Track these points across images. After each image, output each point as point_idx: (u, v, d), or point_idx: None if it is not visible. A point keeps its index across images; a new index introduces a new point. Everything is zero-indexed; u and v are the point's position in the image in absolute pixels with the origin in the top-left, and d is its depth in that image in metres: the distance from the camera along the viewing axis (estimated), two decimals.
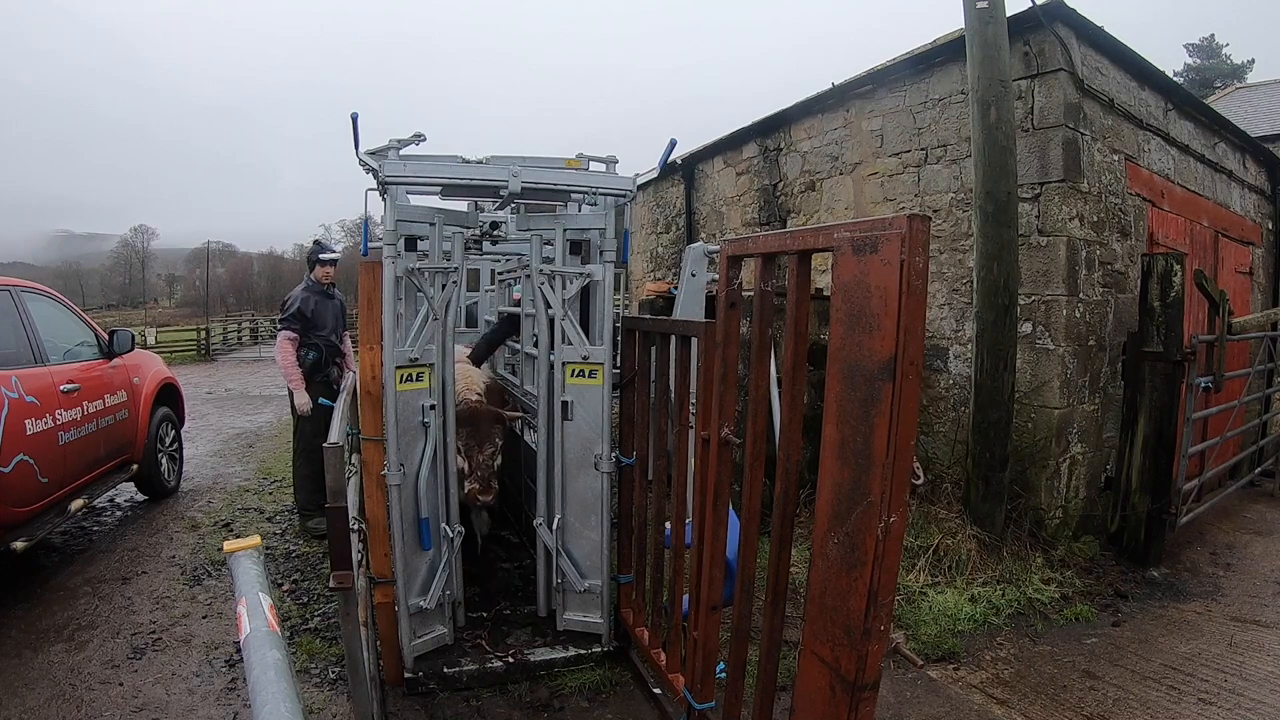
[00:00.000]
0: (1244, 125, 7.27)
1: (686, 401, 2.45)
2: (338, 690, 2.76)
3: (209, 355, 20.66)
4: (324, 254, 4.74)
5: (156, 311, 51.96)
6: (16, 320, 3.82)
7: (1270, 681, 2.94)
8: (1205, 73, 31.30)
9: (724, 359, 2.01)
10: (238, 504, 5.19)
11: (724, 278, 1.97)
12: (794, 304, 1.68)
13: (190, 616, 3.39)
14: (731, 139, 7.23)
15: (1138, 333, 4.37)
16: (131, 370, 4.90)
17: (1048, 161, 4.38)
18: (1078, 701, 2.78)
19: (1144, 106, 5.17)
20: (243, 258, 57.08)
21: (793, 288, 1.68)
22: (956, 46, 4.56)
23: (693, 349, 2.37)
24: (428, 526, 2.80)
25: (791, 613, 3.48)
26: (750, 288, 1.91)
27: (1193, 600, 3.86)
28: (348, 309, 5.05)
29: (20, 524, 3.42)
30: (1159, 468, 4.25)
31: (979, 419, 4.02)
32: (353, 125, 2.76)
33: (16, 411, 3.39)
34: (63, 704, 2.64)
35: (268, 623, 1.07)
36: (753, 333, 1.87)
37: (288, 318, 4.48)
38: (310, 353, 4.49)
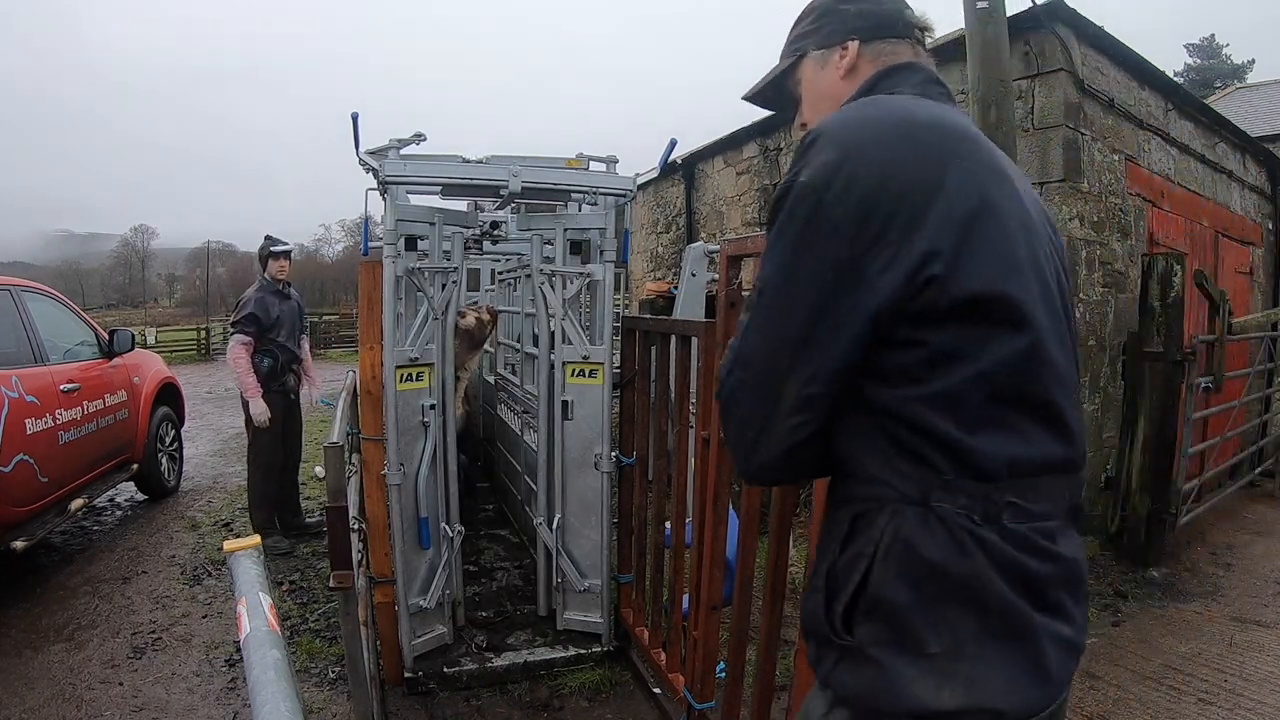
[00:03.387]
0: (1244, 125, 7.26)
1: (686, 401, 2.45)
2: (338, 690, 2.76)
3: (209, 355, 20.66)
4: (275, 247, 4.30)
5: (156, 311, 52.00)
6: (16, 320, 3.82)
7: (1270, 681, 2.94)
8: (1205, 73, 31.34)
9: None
10: (238, 503, 5.19)
11: (724, 277, 1.97)
12: None
13: (190, 616, 3.39)
14: (732, 139, 7.23)
15: (1138, 333, 4.37)
16: (131, 370, 4.90)
17: (1048, 161, 4.38)
18: (1077, 701, 2.78)
19: (1144, 106, 5.17)
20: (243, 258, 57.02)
21: None
22: (956, 46, 4.56)
23: (693, 349, 2.37)
24: (427, 526, 2.80)
25: (790, 612, 3.48)
26: (748, 286, 1.91)
27: (1193, 600, 3.86)
28: (307, 309, 4.70)
29: (20, 524, 3.42)
30: (1159, 468, 4.25)
31: None
32: (353, 125, 2.76)
33: (16, 411, 3.39)
34: (63, 703, 2.64)
35: (268, 622, 1.07)
36: None
37: (241, 320, 4.08)
38: (265, 359, 4.13)
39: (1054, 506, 0.81)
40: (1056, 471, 0.81)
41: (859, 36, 0.97)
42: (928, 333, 0.77)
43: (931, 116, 0.83)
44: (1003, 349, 0.77)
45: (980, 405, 0.77)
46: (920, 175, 0.76)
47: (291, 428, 4.41)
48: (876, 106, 0.86)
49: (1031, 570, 0.77)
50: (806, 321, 0.79)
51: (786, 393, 0.81)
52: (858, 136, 0.80)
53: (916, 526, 0.78)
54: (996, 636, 0.76)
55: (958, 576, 0.76)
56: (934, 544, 0.77)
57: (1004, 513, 0.77)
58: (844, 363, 0.79)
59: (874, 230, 0.75)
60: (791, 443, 0.84)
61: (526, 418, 3.64)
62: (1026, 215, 0.83)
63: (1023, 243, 0.80)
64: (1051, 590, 0.79)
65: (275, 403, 4.16)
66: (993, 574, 0.76)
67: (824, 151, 0.79)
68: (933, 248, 0.75)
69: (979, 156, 0.81)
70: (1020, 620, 0.76)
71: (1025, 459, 0.78)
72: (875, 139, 0.79)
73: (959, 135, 0.82)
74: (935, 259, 0.74)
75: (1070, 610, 0.81)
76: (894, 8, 0.98)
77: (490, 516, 4.61)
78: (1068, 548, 0.82)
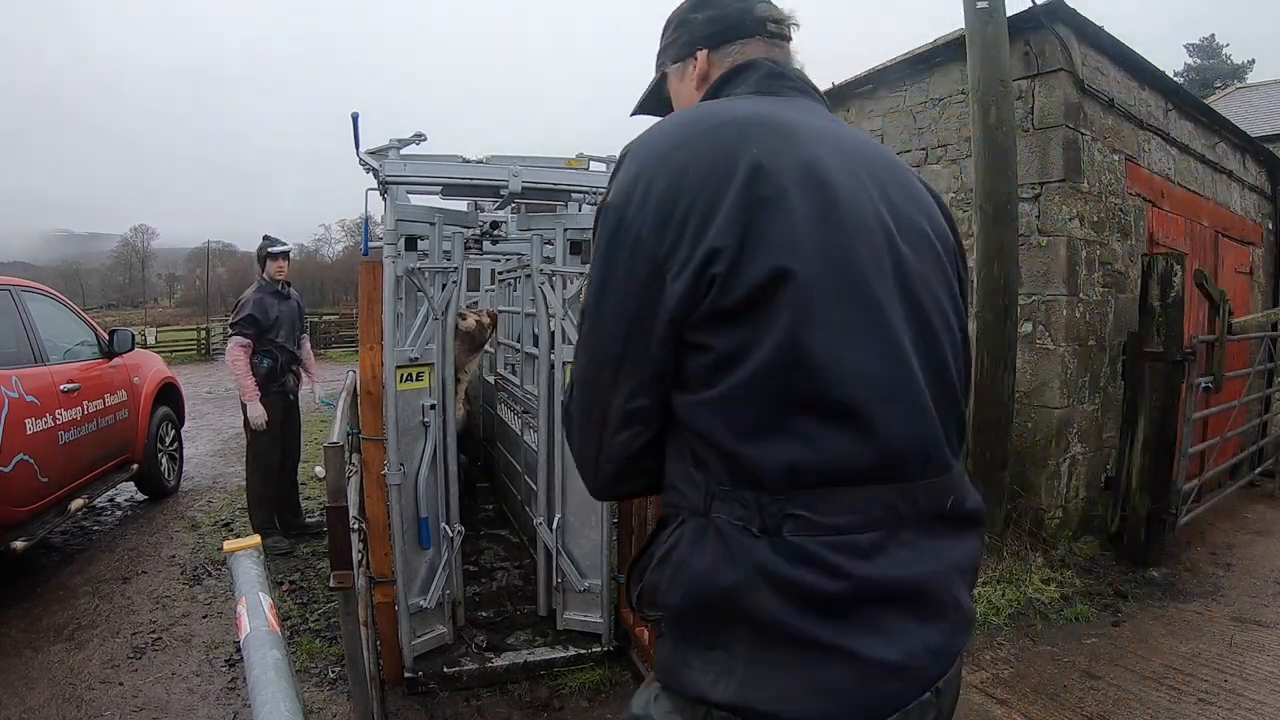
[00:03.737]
0: (1244, 125, 7.26)
1: None
2: (338, 690, 2.76)
3: (209, 355, 20.66)
4: (273, 247, 4.28)
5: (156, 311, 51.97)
6: (17, 320, 3.82)
7: (1270, 681, 2.94)
8: (1205, 73, 31.33)
9: None
10: (238, 503, 5.19)
11: None
12: None
13: (190, 616, 3.39)
14: None
15: (1138, 333, 4.37)
16: (131, 370, 4.90)
17: (1048, 161, 4.38)
18: (1078, 701, 2.78)
19: (1144, 106, 5.17)
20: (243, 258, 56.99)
21: None
22: (956, 46, 4.55)
23: None
24: (427, 526, 2.80)
25: None
26: None
27: (1193, 600, 3.86)
28: (305, 309, 4.68)
29: (20, 524, 3.42)
30: (1159, 468, 4.25)
31: (979, 419, 4.01)
32: (353, 125, 2.77)
33: (16, 411, 3.39)
34: (63, 703, 2.64)
35: (268, 622, 1.07)
36: None
37: (240, 322, 4.07)
38: (264, 360, 4.11)
39: (864, 517, 0.75)
40: (865, 481, 0.76)
41: (706, 45, 0.97)
42: (712, 336, 0.75)
43: (736, 114, 0.82)
44: (776, 349, 0.73)
45: (758, 410, 0.75)
46: (712, 175, 0.75)
47: (291, 428, 4.41)
48: (680, 115, 0.86)
49: (813, 586, 0.73)
50: (623, 338, 0.79)
51: (614, 410, 0.82)
52: (655, 149, 0.80)
53: (693, 537, 0.78)
54: (770, 647, 0.74)
55: (724, 589, 0.75)
56: (703, 556, 0.77)
57: (784, 524, 0.74)
58: (661, 370, 0.79)
59: (672, 237, 0.75)
60: (627, 456, 0.84)
61: (526, 418, 3.64)
62: (851, 192, 0.79)
63: (828, 219, 0.76)
64: (856, 606, 0.74)
65: (274, 403, 4.15)
66: (764, 588, 0.73)
67: (626, 169, 0.81)
68: (716, 245, 0.73)
69: (784, 148, 0.78)
70: (797, 636, 0.73)
71: (808, 467, 0.74)
72: (673, 147, 0.79)
73: (764, 129, 0.79)
74: (719, 257, 0.73)
75: (891, 628, 0.75)
76: (741, 8, 0.97)
77: (490, 516, 4.61)
78: (894, 563, 0.76)
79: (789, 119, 0.83)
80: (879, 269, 0.78)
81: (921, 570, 0.78)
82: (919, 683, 0.77)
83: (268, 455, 4.18)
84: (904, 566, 0.77)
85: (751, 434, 0.75)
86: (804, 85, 0.95)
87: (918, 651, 0.77)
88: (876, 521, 0.76)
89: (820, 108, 0.94)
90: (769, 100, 0.89)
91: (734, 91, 0.93)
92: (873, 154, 0.88)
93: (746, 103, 0.88)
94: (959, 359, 0.88)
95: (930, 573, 0.79)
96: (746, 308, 0.74)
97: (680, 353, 0.78)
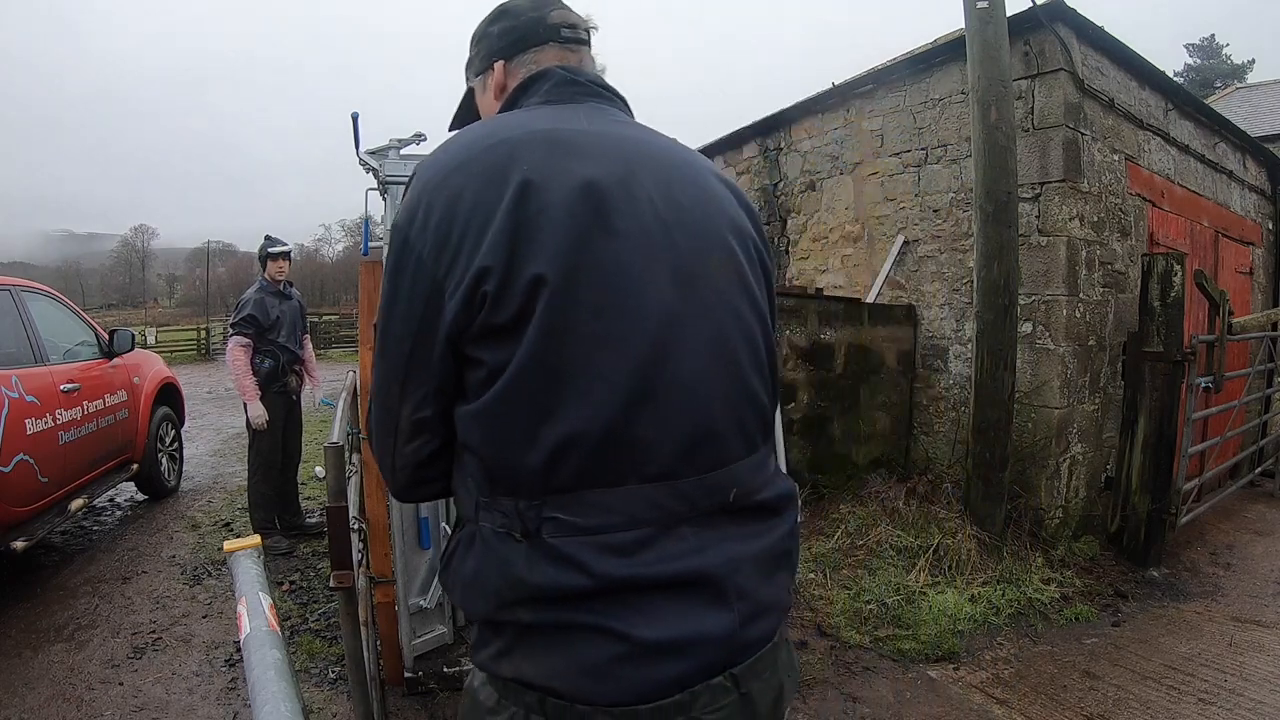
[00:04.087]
0: (1244, 125, 7.27)
1: None
2: (338, 690, 2.76)
3: (209, 355, 20.66)
4: (274, 247, 4.26)
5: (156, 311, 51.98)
6: (17, 320, 3.82)
7: (1270, 681, 2.94)
8: (1205, 73, 31.33)
9: None
10: (238, 503, 5.19)
11: None
12: None
13: (190, 616, 3.39)
14: (731, 138, 7.22)
15: (1138, 333, 4.37)
16: (132, 370, 4.90)
17: (1048, 161, 4.38)
18: (1078, 701, 2.78)
19: (1144, 106, 5.17)
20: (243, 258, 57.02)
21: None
22: (956, 46, 4.56)
23: None
24: (427, 526, 2.80)
25: (791, 612, 3.48)
26: None
27: (1193, 600, 3.86)
28: (307, 309, 4.66)
29: (20, 524, 3.42)
30: (1159, 468, 4.26)
31: (979, 419, 4.02)
32: (353, 125, 2.77)
33: (16, 411, 3.39)
34: (63, 703, 2.64)
35: (268, 622, 1.07)
36: None
37: (240, 322, 4.05)
38: (265, 360, 4.10)
39: (626, 517, 0.78)
40: (625, 481, 0.79)
41: (501, 56, 1.00)
42: (485, 351, 0.78)
43: (511, 132, 0.83)
44: (524, 358, 0.76)
45: (511, 420, 0.78)
46: (484, 196, 0.78)
47: (292, 428, 4.40)
48: (461, 136, 0.88)
49: (566, 584, 0.77)
50: (409, 353, 0.82)
51: (404, 421, 0.85)
52: (435, 170, 0.83)
53: (466, 544, 0.84)
54: (536, 635, 0.79)
55: (488, 591, 0.81)
56: (471, 562, 0.83)
57: (543, 528, 0.78)
58: (442, 383, 0.82)
59: (448, 258, 0.78)
60: (417, 463, 0.88)
61: None
62: (630, 194, 0.81)
63: (599, 223, 0.78)
64: (618, 595, 0.78)
65: (276, 403, 4.14)
66: (521, 592, 0.78)
67: (412, 191, 0.84)
68: (485, 265, 0.76)
69: (555, 162, 0.80)
70: (559, 624, 0.78)
71: (561, 471, 0.77)
72: (451, 170, 0.81)
73: (537, 145, 0.81)
74: (488, 276, 0.76)
75: (659, 614, 0.78)
76: (533, 17, 0.99)
77: None
78: (661, 557, 0.79)
79: (568, 130, 0.85)
80: (653, 272, 0.80)
81: (695, 563, 0.81)
82: (702, 667, 0.79)
83: (269, 455, 4.17)
84: (674, 560, 0.79)
85: (507, 443, 0.79)
86: (597, 89, 0.96)
87: (692, 636, 0.79)
88: (640, 520, 0.79)
89: (613, 110, 0.95)
90: (556, 109, 0.91)
91: (528, 101, 0.95)
92: (662, 155, 0.89)
93: (528, 116, 0.89)
94: (757, 351, 0.89)
95: (706, 565, 0.81)
96: (515, 323, 0.76)
97: (461, 367, 0.82)
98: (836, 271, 6.00)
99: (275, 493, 4.28)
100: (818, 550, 4.07)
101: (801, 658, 3.05)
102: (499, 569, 0.80)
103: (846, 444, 4.88)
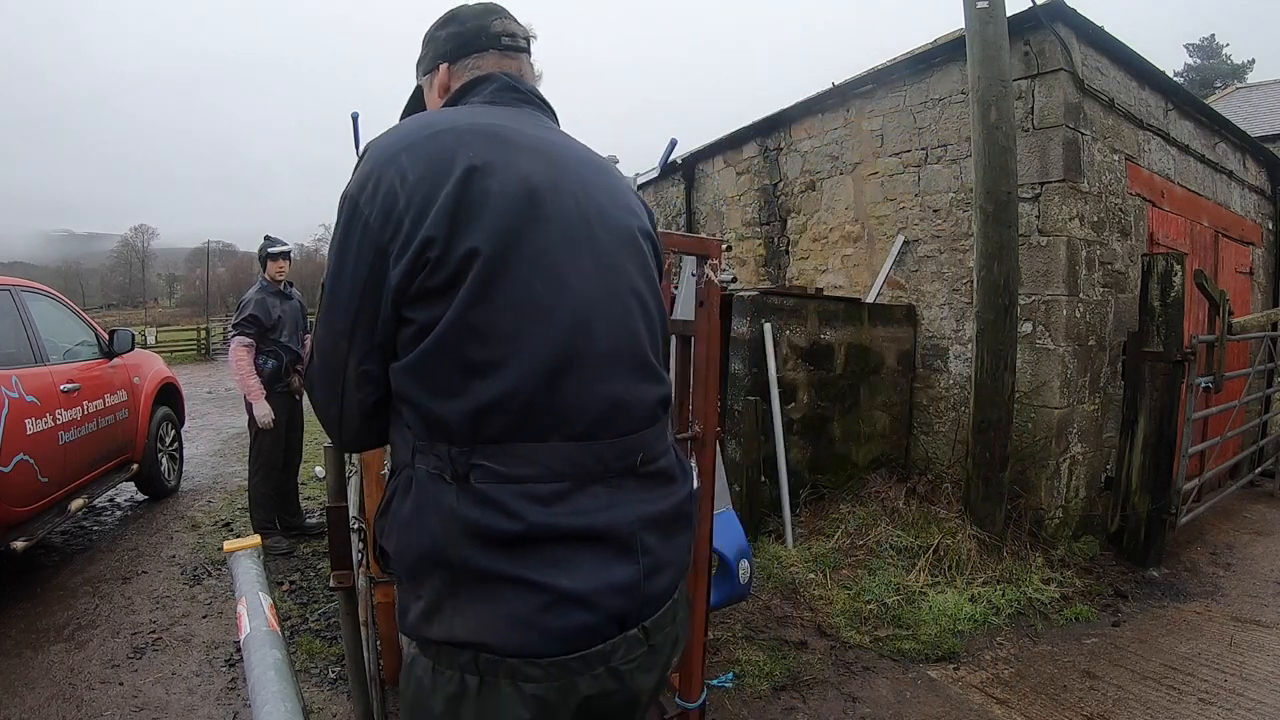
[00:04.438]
0: (1244, 125, 7.27)
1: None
2: (338, 690, 2.76)
3: (209, 355, 20.67)
4: (274, 247, 4.26)
5: (156, 311, 52.00)
6: (17, 320, 3.82)
7: (1270, 681, 2.94)
8: (1205, 73, 31.33)
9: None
10: (238, 503, 5.19)
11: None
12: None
13: (190, 616, 3.39)
14: (732, 138, 7.23)
15: (1138, 333, 4.37)
16: (132, 370, 4.90)
17: (1048, 161, 4.38)
18: (1078, 701, 2.78)
19: (1144, 106, 5.17)
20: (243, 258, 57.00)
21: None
22: (956, 46, 4.56)
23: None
24: None
25: (791, 612, 3.48)
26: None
27: (1193, 600, 3.86)
28: (308, 309, 4.61)
29: (20, 524, 3.42)
30: (1159, 468, 4.26)
31: (979, 419, 4.02)
32: (353, 125, 2.76)
33: (16, 411, 3.39)
34: (63, 703, 2.64)
35: (268, 622, 1.07)
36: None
37: (242, 322, 4.05)
38: (269, 360, 4.11)
39: (546, 470, 0.87)
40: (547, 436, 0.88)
41: (446, 59, 1.10)
42: (417, 311, 0.88)
43: (457, 123, 0.94)
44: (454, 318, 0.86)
45: (442, 373, 0.87)
46: (430, 174, 0.88)
47: (294, 428, 4.41)
48: (413, 121, 0.98)
49: (492, 526, 0.85)
50: (356, 311, 0.91)
51: (350, 371, 0.93)
52: (387, 148, 0.92)
53: (403, 488, 0.91)
54: (465, 585, 0.86)
55: (423, 529, 0.87)
56: (409, 502, 0.89)
57: (471, 473, 0.86)
58: (385, 339, 0.91)
59: (394, 225, 0.87)
60: (364, 413, 0.97)
61: None
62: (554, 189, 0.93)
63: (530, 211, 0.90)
64: (535, 546, 0.86)
65: (279, 403, 4.15)
66: (454, 528, 0.85)
67: (365, 164, 0.93)
68: (430, 235, 0.85)
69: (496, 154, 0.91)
70: (484, 574, 0.85)
71: (491, 424, 0.86)
72: (402, 148, 0.91)
73: (481, 136, 0.92)
74: (433, 245, 0.85)
75: (574, 566, 0.87)
76: (476, 25, 1.10)
77: None
78: (576, 510, 0.88)
79: (508, 128, 0.96)
80: (576, 258, 0.92)
81: (606, 518, 0.90)
82: (613, 618, 0.89)
83: (271, 455, 4.17)
84: (587, 514, 0.89)
85: (439, 393, 0.87)
86: (532, 97, 1.08)
87: (601, 587, 0.88)
88: (559, 474, 0.88)
89: (543, 118, 1.07)
90: (496, 110, 1.02)
91: (472, 100, 1.06)
92: (584, 161, 1.02)
93: (471, 112, 1.00)
94: (656, 335, 1.02)
95: (616, 521, 0.91)
96: (447, 287, 0.86)
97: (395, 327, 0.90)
98: (836, 271, 6.00)
99: (276, 493, 4.28)
100: (818, 550, 4.07)
101: (801, 658, 3.05)
102: (434, 508, 0.87)
103: (846, 444, 4.88)
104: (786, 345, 4.51)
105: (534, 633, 0.85)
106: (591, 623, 0.87)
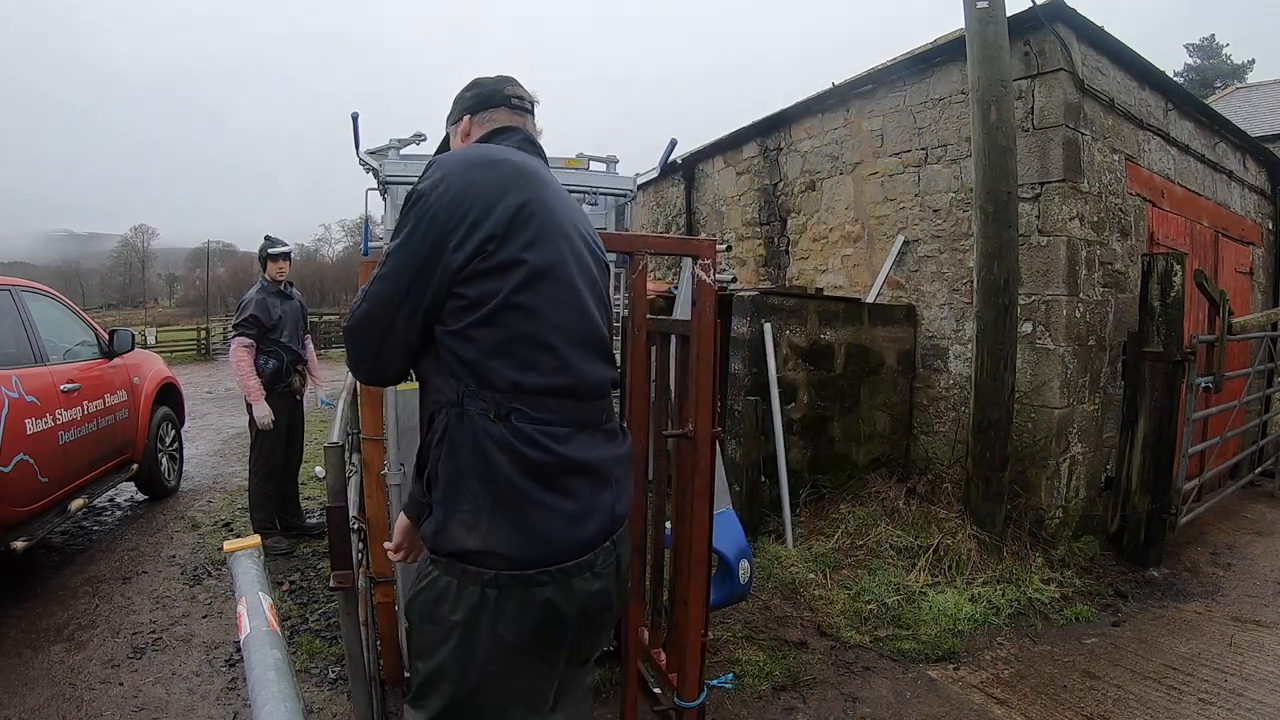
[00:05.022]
0: (1244, 125, 7.27)
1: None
2: (338, 690, 2.76)
3: (209, 355, 20.66)
4: (274, 248, 4.27)
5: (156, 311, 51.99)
6: (17, 320, 3.82)
7: (1270, 681, 2.94)
8: (1205, 73, 31.32)
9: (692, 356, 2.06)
10: (238, 503, 5.19)
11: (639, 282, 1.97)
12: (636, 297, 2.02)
13: (190, 616, 3.39)
14: (732, 139, 7.23)
15: (1138, 332, 4.37)
16: (132, 370, 4.90)
17: (1048, 161, 4.38)
18: (1078, 701, 2.78)
19: (1144, 106, 5.17)
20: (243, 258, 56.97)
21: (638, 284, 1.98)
22: (956, 46, 4.56)
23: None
24: None
25: (791, 612, 3.48)
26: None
27: (1193, 600, 3.86)
28: (308, 309, 4.65)
29: (20, 524, 3.42)
30: (1159, 468, 4.25)
31: (979, 419, 4.02)
32: (353, 125, 2.76)
33: (17, 411, 3.39)
34: (63, 703, 2.64)
35: (268, 622, 1.07)
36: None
37: (243, 323, 4.05)
38: (270, 361, 4.10)
39: (559, 418, 1.19)
40: (562, 395, 1.20)
41: (470, 112, 1.43)
42: (467, 289, 1.17)
43: (506, 158, 1.27)
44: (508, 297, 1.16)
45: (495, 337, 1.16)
46: (490, 190, 1.19)
47: (294, 428, 4.40)
48: (472, 149, 1.33)
49: (530, 457, 1.15)
50: (412, 276, 1.18)
51: (398, 322, 1.20)
52: (455, 165, 1.23)
53: (455, 422, 1.17)
54: (503, 504, 1.14)
55: (475, 455, 1.15)
56: (462, 434, 1.16)
57: (512, 415, 1.16)
58: (431, 304, 1.19)
59: (456, 221, 1.17)
60: (403, 355, 1.24)
61: None
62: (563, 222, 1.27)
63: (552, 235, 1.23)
64: (553, 475, 1.17)
65: (280, 404, 4.14)
66: (498, 455, 1.14)
67: (435, 171, 1.22)
68: (491, 233, 1.17)
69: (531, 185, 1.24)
70: (518, 493, 1.14)
71: (527, 381, 1.17)
72: (467, 167, 1.23)
73: (521, 172, 1.25)
74: (492, 240, 1.17)
75: (577, 491, 1.20)
76: (493, 88, 1.43)
77: None
78: (577, 449, 1.20)
79: (538, 170, 1.30)
80: (572, 265, 1.26)
81: (595, 455, 1.24)
82: (600, 531, 1.23)
83: (271, 455, 4.17)
84: (583, 452, 1.22)
85: (491, 355, 1.16)
86: (540, 151, 1.41)
87: (593, 509, 1.22)
88: (567, 422, 1.21)
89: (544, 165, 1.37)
90: (517, 153, 1.32)
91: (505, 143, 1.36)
92: (570, 199, 1.37)
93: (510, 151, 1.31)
94: (608, 325, 1.35)
95: (599, 458, 1.25)
96: (494, 272, 1.17)
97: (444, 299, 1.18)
98: (836, 271, 6.00)
99: (276, 493, 4.27)
100: (818, 550, 4.07)
101: (801, 658, 3.05)
102: (487, 436, 1.15)
103: (846, 444, 4.88)
104: (786, 345, 4.51)
105: (550, 546, 1.16)
106: (586, 536, 1.20)
